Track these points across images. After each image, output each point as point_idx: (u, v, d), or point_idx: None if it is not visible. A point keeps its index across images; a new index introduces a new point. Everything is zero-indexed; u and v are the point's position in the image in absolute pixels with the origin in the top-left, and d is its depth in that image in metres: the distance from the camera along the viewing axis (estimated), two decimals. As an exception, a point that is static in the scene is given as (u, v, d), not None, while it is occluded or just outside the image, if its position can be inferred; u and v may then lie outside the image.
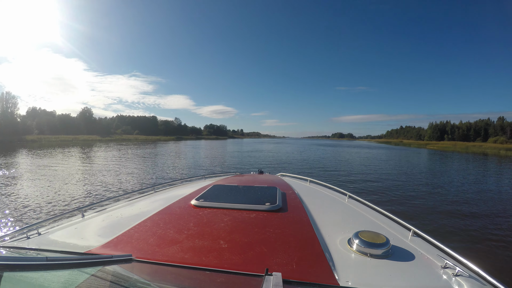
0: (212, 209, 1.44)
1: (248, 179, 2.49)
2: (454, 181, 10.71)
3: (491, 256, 3.81)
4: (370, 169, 14.30)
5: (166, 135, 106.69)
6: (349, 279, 0.82)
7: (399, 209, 6.09)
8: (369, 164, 16.77)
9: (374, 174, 12.27)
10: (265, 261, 0.90)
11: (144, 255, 0.95)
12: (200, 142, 59.78)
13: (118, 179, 9.45)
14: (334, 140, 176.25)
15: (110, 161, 15.63)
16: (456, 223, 5.17)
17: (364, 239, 0.99)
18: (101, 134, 74.89)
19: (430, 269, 0.90)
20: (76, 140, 54.06)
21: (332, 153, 29.03)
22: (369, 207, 1.62)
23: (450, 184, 9.94)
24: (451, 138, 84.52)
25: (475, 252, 3.89)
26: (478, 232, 4.74)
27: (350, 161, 19.22)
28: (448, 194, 8.12)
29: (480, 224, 5.17)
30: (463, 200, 7.31)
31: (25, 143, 39.58)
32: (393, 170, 13.89)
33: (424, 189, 8.82)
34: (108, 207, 1.64)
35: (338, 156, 23.80)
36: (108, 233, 1.18)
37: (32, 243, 1.11)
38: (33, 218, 4.94)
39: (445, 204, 6.72)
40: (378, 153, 31.19)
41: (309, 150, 34.64)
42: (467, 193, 8.33)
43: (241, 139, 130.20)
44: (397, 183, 9.72)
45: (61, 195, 6.75)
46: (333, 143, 77.20)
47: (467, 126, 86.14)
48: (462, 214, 5.85)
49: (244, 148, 37.36)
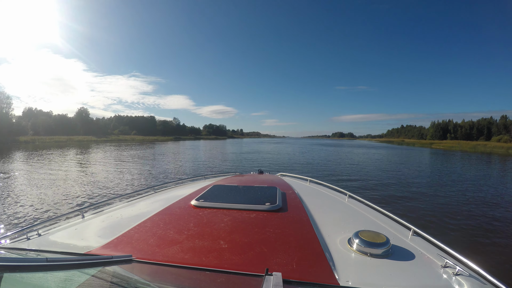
0: (212, 209, 1.43)
1: (248, 179, 2.47)
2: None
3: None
4: (391, 175, 11.70)
5: (164, 135, 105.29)
6: (349, 278, 0.82)
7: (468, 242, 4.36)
8: (386, 169, 14.20)
9: (400, 183, 9.80)
10: (265, 261, 0.90)
11: (144, 255, 0.95)
12: (199, 143, 57.56)
13: (104, 186, 8.13)
14: (335, 140, 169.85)
15: (100, 164, 14.40)
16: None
17: (364, 239, 0.99)
18: (98, 135, 72.72)
19: (430, 269, 0.90)
20: (71, 141, 52.34)
21: (337, 154, 26.60)
22: (369, 206, 1.62)
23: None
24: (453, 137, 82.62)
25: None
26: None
27: (361, 164, 16.59)
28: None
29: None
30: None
31: (18, 144, 37.72)
32: (419, 178, 11.24)
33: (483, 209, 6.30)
34: (108, 208, 1.62)
35: (346, 158, 21.26)
36: (108, 234, 1.17)
37: (32, 244, 1.11)
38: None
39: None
40: (388, 154, 28.41)
41: (312, 150, 32.39)
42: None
43: (241, 139, 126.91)
44: (442, 199, 7.29)
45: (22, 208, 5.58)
46: (334, 143, 74.33)
47: (470, 125, 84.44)
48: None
49: (243, 148, 35.49)
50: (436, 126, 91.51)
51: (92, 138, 60.58)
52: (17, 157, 18.22)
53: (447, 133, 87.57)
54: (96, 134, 74.32)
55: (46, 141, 47.62)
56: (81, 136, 64.53)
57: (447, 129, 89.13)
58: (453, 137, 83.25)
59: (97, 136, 68.57)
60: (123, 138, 70.31)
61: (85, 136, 63.74)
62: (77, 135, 65.66)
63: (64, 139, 53.67)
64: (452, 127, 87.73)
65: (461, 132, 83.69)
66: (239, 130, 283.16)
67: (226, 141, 79.74)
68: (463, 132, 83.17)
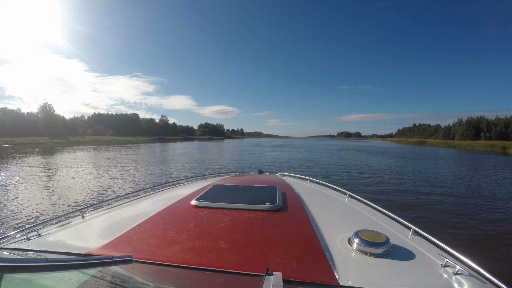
0: (212, 209, 1.43)
1: (248, 179, 2.46)
2: None
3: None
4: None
5: (149, 135, 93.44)
6: (350, 278, 0.81)
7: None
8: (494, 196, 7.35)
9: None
10: (265, 261, 0.90)
11: (144, 255, 0.95)
12: (183, 145, 45.61)
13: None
14: (341, 140, 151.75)
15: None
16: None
17: (364, 238, 0.98)
18: (63, 136, 60.69)
19: (430, 268, 0.89)
20: (13, 142, 41.41)
21: (373, 164, 16.41)
22: (369, 206, 1.61)
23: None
24: (488, 137, 68.98)
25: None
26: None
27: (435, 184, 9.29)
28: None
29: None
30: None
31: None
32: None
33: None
34: (108, 208, 1.62)
35: (398, 173, 12.21)
36: (108, 234, 1.17)
37: (32, 244, 1.11)
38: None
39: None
40: (462, 164, 17.75)
41: (330, 157, 21.74)
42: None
43: (241, 139, 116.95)
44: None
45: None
46: (344, 144, 62.11)
47: (505, 122, 70.71)
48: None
49: (233, 154, 25.17)
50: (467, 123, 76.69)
51: (39, 140, 47.54)
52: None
53: (480, 132, 73.12)
54: (62, 134, 61.95)
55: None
56: (32, 137, 50.91)
57: (479, 127, 74.62)
58: (487, 136, 69.10)
59: (62, 138, 57.03)
60: (85, 140, 56.83)
61: (36, 138, 50.21)
62: (39, 137, 53.99)
63: (2, 142, 41.34)
64: (485, 125, 73.31)
65: (496, 130, 69.60)
66: (239, 130, 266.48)
67: (223, 142, 65.38)
68: (497, 131, 69.11)
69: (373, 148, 43.92)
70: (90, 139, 57.47)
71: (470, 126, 74.83)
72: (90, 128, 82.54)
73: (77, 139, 56.25)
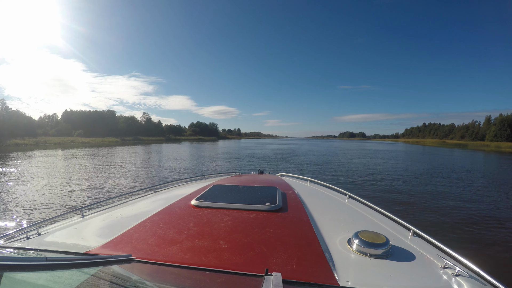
0: (212, 209, 1.42)
1: (248, 179, 2.45)
2: None
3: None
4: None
5: (128, 135, 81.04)
6: (349, 279, 0.82)
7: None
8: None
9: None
10: (265, 261, 0.90)
11: (144, 255, 0.95)
12: (158, 148, 34.90)
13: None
14: (345, 141, 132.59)
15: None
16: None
17: (364, 239, 0.98)
18: (20, 135, 48.95)
19: (430, 269, 0.90)
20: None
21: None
22: (369, 207, 1.60)
23: None
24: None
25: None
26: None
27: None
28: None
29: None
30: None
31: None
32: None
33: None
34: (108, 207, 1.61)
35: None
36: (108, 233, 1.17)
37: (32, 243, 1.11)
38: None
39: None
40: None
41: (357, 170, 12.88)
42: None
43: (238, 140, 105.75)
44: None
45: None
46: (354, 146, 51.66)
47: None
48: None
49: (213, 161, 17.91)
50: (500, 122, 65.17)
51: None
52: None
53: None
54: (19, 134, 49.97)
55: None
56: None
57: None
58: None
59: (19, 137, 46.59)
60: (31, 141, 44.18)
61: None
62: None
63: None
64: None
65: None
66: (235, 130, 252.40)
67: (215, 144, 52.51)
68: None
69: (390, 150, 33.27)
70: (32, 141, 45.14)
71: (505, 125, 63.40)
72: (55, 127, 70.49)
73: (17, 142, 43.84)
